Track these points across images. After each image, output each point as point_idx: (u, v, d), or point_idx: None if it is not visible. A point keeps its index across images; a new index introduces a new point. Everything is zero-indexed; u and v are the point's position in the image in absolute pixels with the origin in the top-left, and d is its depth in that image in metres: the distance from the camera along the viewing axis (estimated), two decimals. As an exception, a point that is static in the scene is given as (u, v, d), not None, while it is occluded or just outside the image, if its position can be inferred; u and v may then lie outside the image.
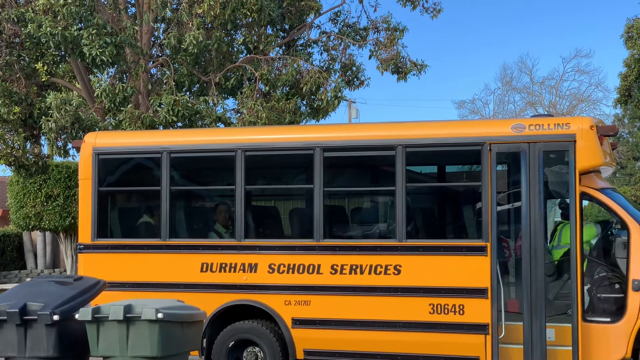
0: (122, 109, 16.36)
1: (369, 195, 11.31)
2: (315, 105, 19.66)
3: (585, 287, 9.44)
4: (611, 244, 9.73)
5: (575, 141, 9.29)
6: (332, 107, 19.11)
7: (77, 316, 7.95)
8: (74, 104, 16.21)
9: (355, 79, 20.63)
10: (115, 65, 16.94)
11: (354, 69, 20.43)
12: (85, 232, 10.79)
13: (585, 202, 9.85)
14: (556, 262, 9.92)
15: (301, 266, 10.02)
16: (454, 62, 79.48)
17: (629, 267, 9.18)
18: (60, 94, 17.39)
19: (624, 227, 9.36)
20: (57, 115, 15.84)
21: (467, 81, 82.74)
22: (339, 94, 18.74)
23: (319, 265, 9.95)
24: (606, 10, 73.38)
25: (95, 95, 17.20)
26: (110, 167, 11.14)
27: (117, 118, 16.63)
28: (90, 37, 15.31)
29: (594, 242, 10.01)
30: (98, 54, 15.28)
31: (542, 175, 9.42)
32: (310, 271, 9.98)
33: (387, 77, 77.00)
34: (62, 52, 17.01)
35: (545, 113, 37.96)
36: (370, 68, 50.29)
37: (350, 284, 9.84)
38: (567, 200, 9.60)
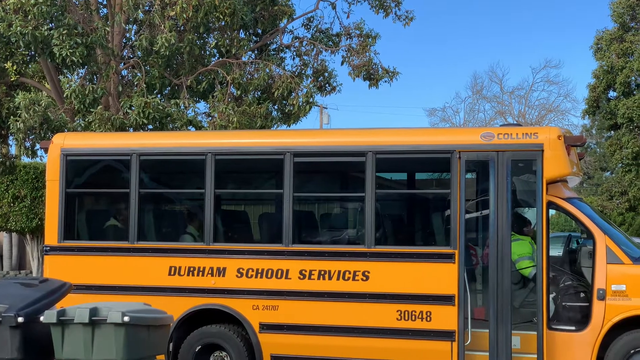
0: (91, 110, 16.24)
1: (339, 201, 11.33)
2: (286, 110, 19.66)
3: (551, 296, 9.53)
4: (577, 253, 9.83)
5: (542, 151, 9.38)
6: (303, 112, 19.12)
7: (42, 318, 7.87)
8: (43, 105, 16.06)
9: (327, 85, 20.67)
10: (86, 66, 16.82)
11: (326, 74, 20.46)
12: (52, 233, 10.69)
13: (552, 211, 9.95)
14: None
15: (270, 271, 10.00)
16: (426, 70, 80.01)
17: (594, 276, 9.28)
18: (29, 94, 17.22)
19: (590, 236, 9.46)
20: (26, 115, 15.69)
21: (439, 89, 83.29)
22: (311, 100, 18.75)
23: (287, 270, 9.95)
24: (576, 22, 74.31)
25: (64, 95, 17.06)
26: (79, 168, 11.05)
27: (86, 119, 16.51)
28: (60, 37, 15.18)
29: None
30: (68, 54, 15.16)
31: (510, 183, 9.50)
32: (279, 276, 9.97)
33: (359, 84, 77.30)
34: (32, 52, 16.83)
35: (515, 122, 38.34)
36: (342, 74, 50.56)
37: (318, 289, 9.84)
38: (534, 209, 9.69)
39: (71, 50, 15.17)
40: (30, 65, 19.78)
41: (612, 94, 42.25)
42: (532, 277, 9.71)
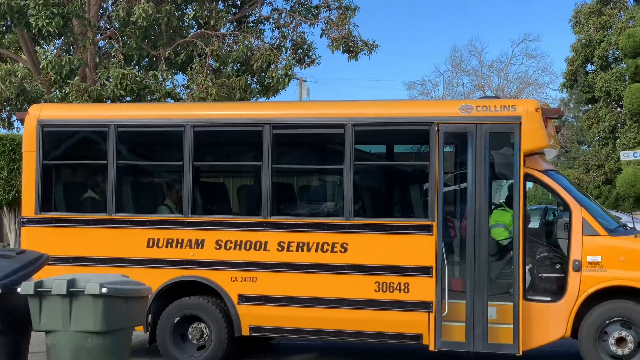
0: (68, 81, 16.11)
1: (317, 173, 11.33)
2: (265, 83, 19.61)
3: (527, 267, 9.60)
4: (553, 225, 9.91)
5: (520, 123, 9.41)
6: (282, 85, 19.09)
7: (19, 290, 7.82)
8: (19, 75, 15.93)
9: (306, 57, 20.62)
10: (62, 37, 16.65)
11: (305, 47, 20.40)
12: (29, 205, 10.62)
13: (529, 184, 10.01)
14: (499, 242, 10.07)
15: (248, 243, 10.00)
16: (405, 43, 79.87)
17: (569, 248, 9.36)
18: (5, 64, 17.05)
19: (566, 208, 9.53)
20: (2, 86, 15.55)
21: (418, 63, 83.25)
22: (290, 72, 18.72)
23: (265, 242, 9.95)
24: (555, -4, 74.31)
25: (41, 66, 16.90)
26: (55, 140, 10.96)
27: (63, 91, 16.37)
28: (36, 7, 15.00)
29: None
30: (44, 24, 15.00)
31: (488, 156, 9.54)
32: (257, 248, 9.98)
33: (338, 56, 77.04)
34: (8, 22, 16.65)
35: (493, 95, 38.41)
36: (321, 47, 50.32)
37: (297, 261, 9.86)
38: (511, 181, 9.74)
39: (47, 21, 15.01)
40: (6, 36, 19.54)
41: (590, 67, 42.47)
42: (504, 245, 9.79)
